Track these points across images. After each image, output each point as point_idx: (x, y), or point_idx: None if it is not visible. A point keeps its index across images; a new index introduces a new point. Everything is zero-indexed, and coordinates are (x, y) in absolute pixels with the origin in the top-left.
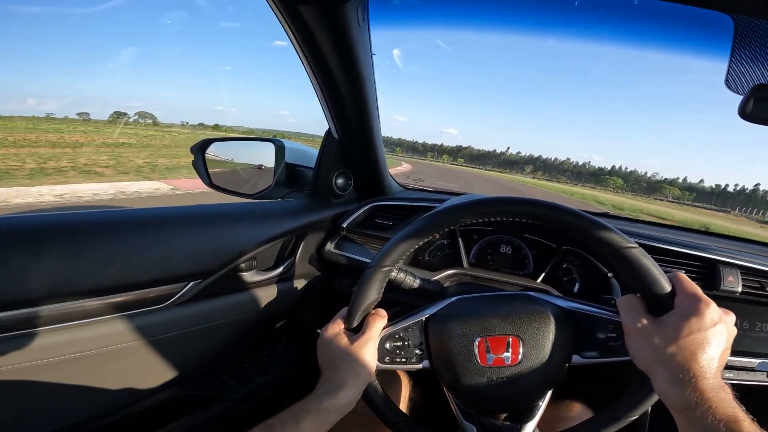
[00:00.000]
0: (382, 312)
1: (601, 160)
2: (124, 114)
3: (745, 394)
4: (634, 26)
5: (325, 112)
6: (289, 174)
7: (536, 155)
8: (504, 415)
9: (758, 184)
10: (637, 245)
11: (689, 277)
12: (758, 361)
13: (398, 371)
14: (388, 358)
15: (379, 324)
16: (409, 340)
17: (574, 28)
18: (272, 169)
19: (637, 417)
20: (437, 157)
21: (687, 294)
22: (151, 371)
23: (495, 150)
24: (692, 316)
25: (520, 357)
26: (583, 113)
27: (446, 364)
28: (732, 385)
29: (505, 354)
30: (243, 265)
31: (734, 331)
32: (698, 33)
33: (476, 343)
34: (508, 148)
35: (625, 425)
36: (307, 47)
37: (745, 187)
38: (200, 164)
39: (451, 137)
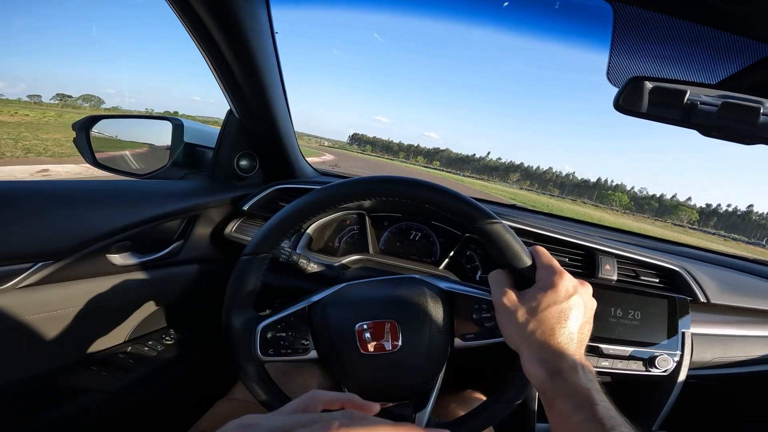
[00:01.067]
0: None
1: (576, 171)
2: (69, 96)
3: (620, 382)
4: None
5: (222, 91)
6: (190, 155)
7: (517, 162)
8: (403, 403)
9: (751, 205)
10: (500, 221)
11: (572, 265)
12: (632, 349)
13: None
14: (272, 349)
15: None
16: (294, 329)
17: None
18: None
19: (521, 400)
20: (410, 158)
21: (544, 266)
22: None
23: (474, 154)
24: (548, 289)
25: (399, 342)
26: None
27: (331, 353)
28: (609, 374)
29: (385, 340)
30: (112, 247)
31: (593, 303)
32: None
33: (356, 329)
34: (488, 153)
35: (515, 409)
36: (188, 22)
37: (738, 207)
38: (83, 142)
39: (430, 140)
